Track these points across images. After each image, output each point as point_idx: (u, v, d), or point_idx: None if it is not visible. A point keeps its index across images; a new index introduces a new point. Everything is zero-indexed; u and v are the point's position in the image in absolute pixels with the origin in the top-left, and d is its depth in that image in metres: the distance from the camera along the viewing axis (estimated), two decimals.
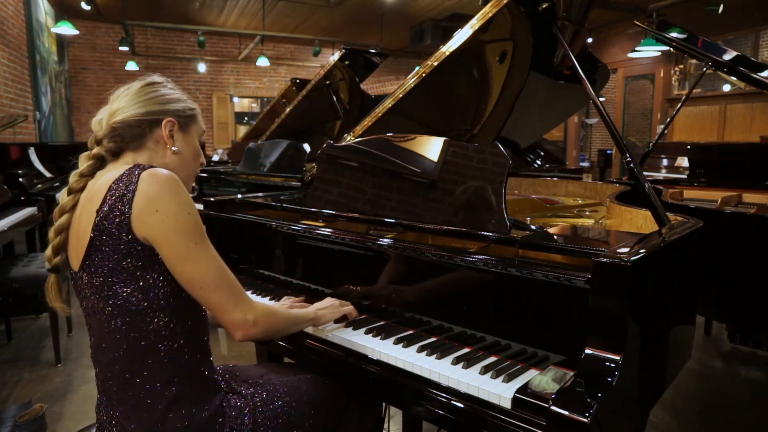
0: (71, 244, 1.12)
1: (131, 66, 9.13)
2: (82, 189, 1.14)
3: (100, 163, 1.17)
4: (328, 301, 1.41)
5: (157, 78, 1.25)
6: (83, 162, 1.17)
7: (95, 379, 1.16)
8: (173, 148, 1.20)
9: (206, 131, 6.86)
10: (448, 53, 1.75)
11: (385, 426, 1.84)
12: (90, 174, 1.15)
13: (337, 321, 1.39)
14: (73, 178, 1.15)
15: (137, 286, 1.06)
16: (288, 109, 4.21)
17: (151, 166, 1.09)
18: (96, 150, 1.16)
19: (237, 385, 1.25)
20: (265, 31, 9.12)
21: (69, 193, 1.14)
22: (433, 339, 1.28)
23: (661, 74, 8.80)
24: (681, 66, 8.47)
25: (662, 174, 6.03)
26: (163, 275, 1.07)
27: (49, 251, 1.13)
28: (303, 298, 1.56)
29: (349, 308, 1.40)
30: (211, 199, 1.99)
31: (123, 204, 1.03)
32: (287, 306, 1.50)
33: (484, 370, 1.10)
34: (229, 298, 1.10)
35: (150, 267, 1.06)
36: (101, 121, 1.18)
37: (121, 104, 1.17)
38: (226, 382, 1.25)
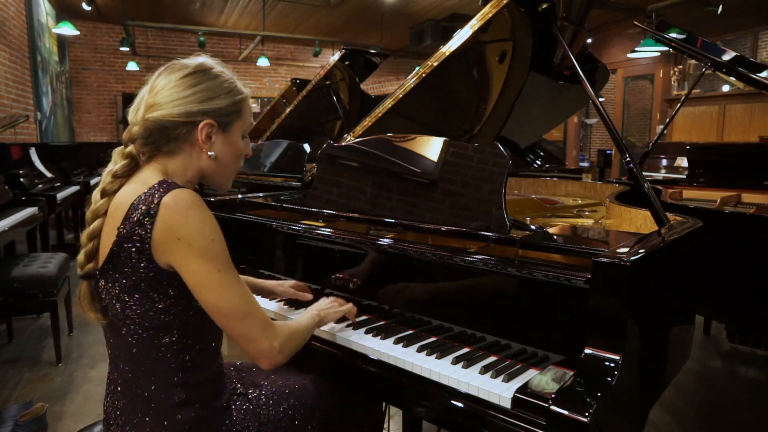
0: None
1: (132, 66, 9.13)
2: (117, 191, 1.08)
3: (134, 163, 1.10)
4: (327, 302, 1.38)
5: (207, 63, 1.14)
6: (117, 160, 1.10)
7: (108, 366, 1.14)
8: (210, 153, 1.13)
9: None
10: (448, 53, 1.76)
11: (385, 426, 1.84)
12: (124, 175, 1.09)
13: (336, 321, 1.38)
14: (106, 178, 1.09)
15: (153, 306, 1.03)
16: (288, 110, 4.21)
17: (174, 185, 1.03)
18: (130, 149, 1.09)
19: (244, 387, 1.25)
20: (265, 32, 9.11)
21: (103, 195, 1.07)
22: (432, 339, 1.28)
23: (661, 75, 8.80)
24: (680, 66, 8.47)
25: (662, 174, 6.04)
26: (178, 297, 1.04)
27: (81, 257, 1.07)
28: (306, 286, 1.56)
29: (348, 307, 1.38)
30: (211, 199, 2.00)
31: (143, 230, 0.99)
32: (290, 285, 1.53)
33: (484, 370, 1.10)
34: (256, 327, 1.06)
35: (167, 290, 1.03)
36: (138, 111, 1.10)
37: (159, 99, 1.08)
38: (232, 383, 1.25)
